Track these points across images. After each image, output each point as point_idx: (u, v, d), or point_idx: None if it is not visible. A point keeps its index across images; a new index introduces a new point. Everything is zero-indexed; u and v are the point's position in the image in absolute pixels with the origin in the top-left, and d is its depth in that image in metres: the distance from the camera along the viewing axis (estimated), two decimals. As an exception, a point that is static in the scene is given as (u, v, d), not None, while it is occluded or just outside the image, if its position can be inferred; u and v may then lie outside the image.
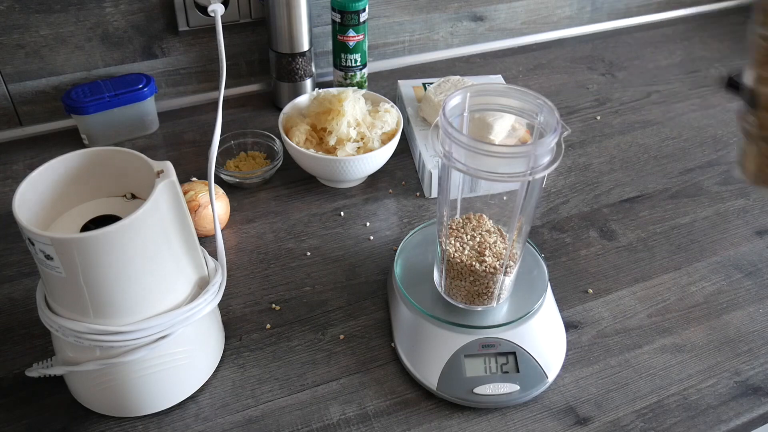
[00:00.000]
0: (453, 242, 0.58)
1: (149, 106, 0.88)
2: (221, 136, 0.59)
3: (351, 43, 0.90)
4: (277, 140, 0.83)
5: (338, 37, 0.90)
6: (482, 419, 0.57)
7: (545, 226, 0.77)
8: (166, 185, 0.48)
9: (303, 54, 0.90)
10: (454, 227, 0.59)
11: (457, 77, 0.88)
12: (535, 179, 0.50)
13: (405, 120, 0.88)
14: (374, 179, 0.82)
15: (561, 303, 0.67)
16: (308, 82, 0.93)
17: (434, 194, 0.80)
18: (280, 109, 0.82)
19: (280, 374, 0.60)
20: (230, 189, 0.79)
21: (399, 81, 0.95)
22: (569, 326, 0.65)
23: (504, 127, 0.82)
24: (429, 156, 0.80)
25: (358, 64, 0.93)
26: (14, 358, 0.61)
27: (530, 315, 0.61)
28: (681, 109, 0.98)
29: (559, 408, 0.58)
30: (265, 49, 0.95)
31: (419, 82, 0.94)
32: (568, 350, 0.63)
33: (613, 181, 0.84)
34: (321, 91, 0.83)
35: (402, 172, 0.84)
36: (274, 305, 0.67)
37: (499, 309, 0.61)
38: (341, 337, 0.63)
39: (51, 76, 0.86)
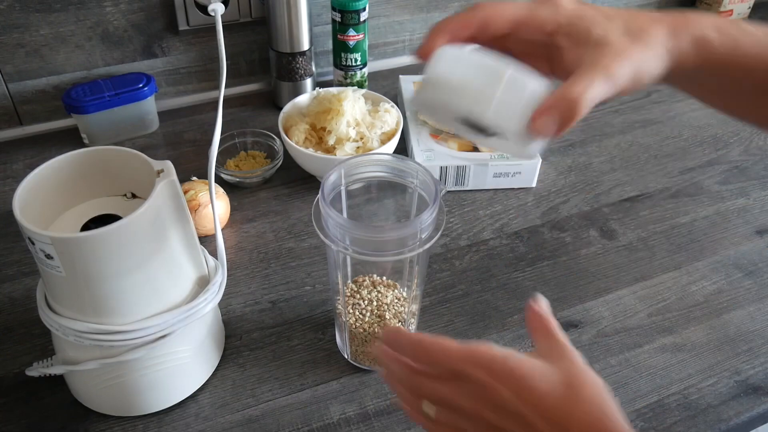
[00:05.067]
0: (351, 311, 0.58)
1: (149, 106, 0.88)
2: (221, 135, 0.59)
3: (351, 43, 0.90)
4: (277, 139, 0.83)
5: (338, 36, 0.90)
6: (482, 418, 0.57)
7: (545, 225, 0.77)
8: (167, 184, 0.48)
9: (303, 53, 0.90)
10: (349, 294, 0.59)
11: None
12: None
13: (404, 118, 0.88)
14: (374, 178, 0.82)
15: (561, 302, 0.67)
16: (308, 82, 0.93)
17: None
18: (281, 109, 0.82)
19: (281, 373, 0.60)
20: (230, 188, 0.79)
21: (400, 76, 0.95)
22: (569, 326, 0.65)
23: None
24: (419, 150, 0.80)
25: (358, 63, 0.93)
26: (14, 358, 0.61)
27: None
28: (681, 108, 0.98)
29: (560, 407, 0.58)
30: (265, 48, 0.95)
31: (420, 77, 0.94)
32: (568, 349, 0.63)
33: (613, 180, 0.84)
34: (321, 90, 0.83)
35: (402, 171, 0.84)
36: (274, 304, 0.67)
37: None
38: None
39: (51, 75, 0.86)
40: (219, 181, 0.79)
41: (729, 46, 0.39)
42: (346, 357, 0.61)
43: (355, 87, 0.90)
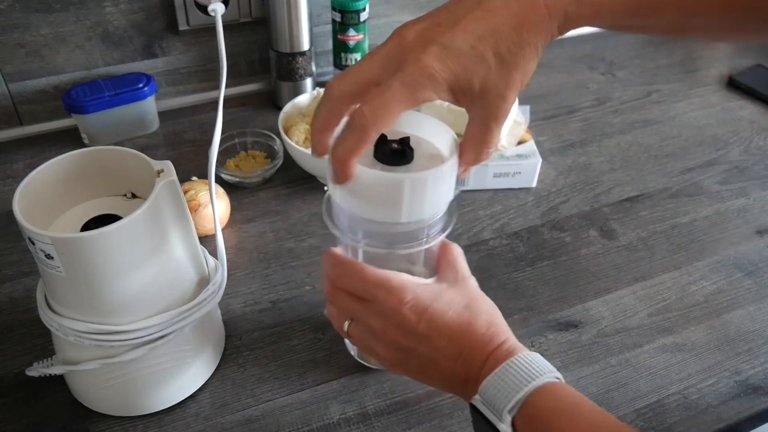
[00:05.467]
0: None
1: (149, 106, 0.88)
2: (221, 135, 0.59)
3: (351, 43, 0.90)
4: (277, 139, 0.83)
5: (338, 36, 0.90)
6: (482, 418, 0.57)
7: (545, 225, 0.77)
8: (167, 184, 0.48)
9: (303, 53, 0.90)
10: None
11: None
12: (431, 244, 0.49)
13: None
14: (374, 178, 0.82)
15: (561, 302, 0.67)
16: (308, 82, 0.93)
17: None
18: (281, 109, 0.82)
19: (281, 373, 0.60)
20: (230, 188, 0.79)
21: None
22: (569, 326, 0.65)
23: (508, 123, 0.82)
24: None
25: (359, 63, 0.93)
26: (14, 358, 0.61)
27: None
28: (681, 108, 0.98)
29: (560, 407, 0.58)
30: (265, 48, 0.95)
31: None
32: (568, 349, 0.63)
33: (613, 180, 0.84)
34: (321, 90, 0.83)
35: (402, 171, 0.84)
36: (274, 304, 0.67)
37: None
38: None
39: (51, 75, 0.86)
40: (219, 181, 0.79)
41: (588, 12, 0.41)
42: (353, 354, 0.61)
43: (355, 87, 0.90)
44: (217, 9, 0.71)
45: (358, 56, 0.92)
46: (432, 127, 0.47)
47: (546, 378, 0.42)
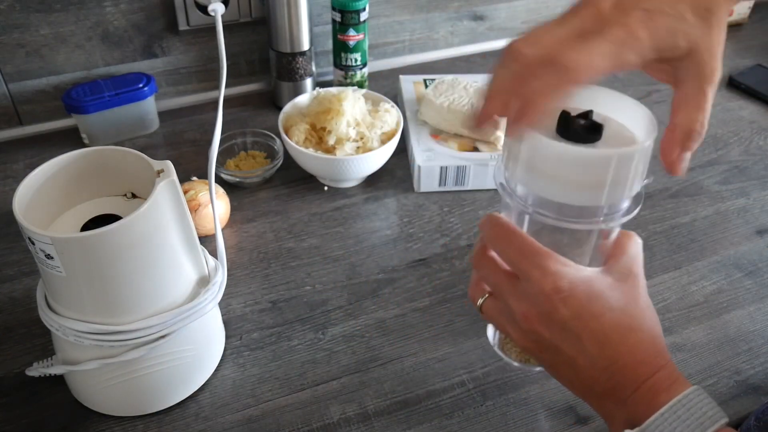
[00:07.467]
0: None
1: (149, 106, 0.88)
2: (221, 135, 0.59)
3: (351, 43, 0.90)
4: (277, 139, 0.83)
5: (338, 36, 0.90)
6: (482, 418, 0.57)
7: (545, 225, 0.77)
8: (167, 184, 0.48)
9: (303, 53, 0.90)
10: None
11: (452, 77, 0.88)
12: (610, 227, 0.44)
13: (404, 117, 0.88)
14: (374, 179, 0.82)
15: (561, 302, 0.67)
16: (308, 82, 0.93)
17: (422, 188, 0.80)
18: (281, 109, 0.82)
19: (281, 373, 0.60)
20: (230, 188, 0.79)
21: (401, 76, 0.95)
22: (569, 325, 0.65)
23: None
24: (419, 150, 0.80)
25: (359, 63, 0.93)
26: (14, 358, 0.61)
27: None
28: (681, 108, 0.98)
29: (559, 407, 0.58)
30: (265, 48, 0.95)
31: (420, 77, 0.94)
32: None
33: (613, 180, 0.84)
34: (321, 90, 0.83)
35: (402, 171, 0.84)
36: (274, 304, 0.67)
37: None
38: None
39: (51, 75, 0.86)
40: (219, 181, 0.79)
41: None
42: (491, 342, 0.58)
43: (355, 87, 0.90)
44: (217, 9, 0.71)
45: (358, 56, 0.92)
46: (625, 106, 0.43)
47: (722, 422, 0.38)
